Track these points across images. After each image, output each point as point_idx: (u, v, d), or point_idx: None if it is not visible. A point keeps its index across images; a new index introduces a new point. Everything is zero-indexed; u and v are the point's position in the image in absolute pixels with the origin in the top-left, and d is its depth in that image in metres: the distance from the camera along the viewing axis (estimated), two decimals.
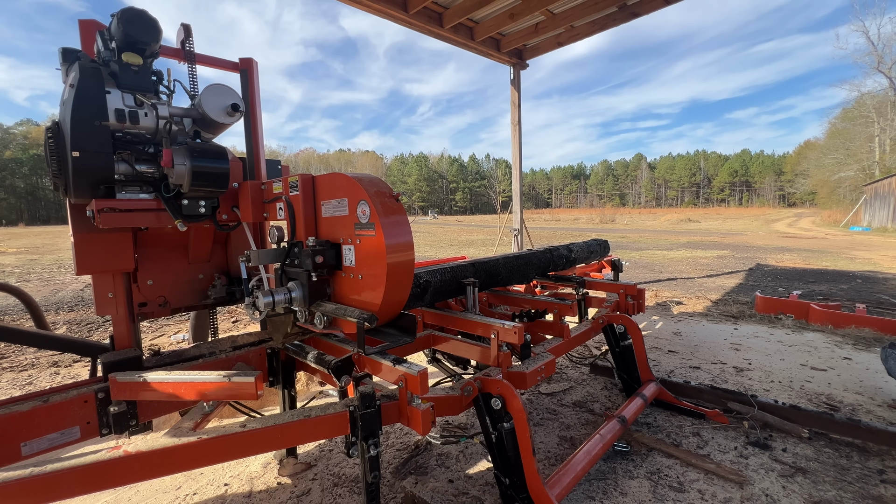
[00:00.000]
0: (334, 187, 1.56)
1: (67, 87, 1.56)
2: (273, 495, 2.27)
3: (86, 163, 1.54)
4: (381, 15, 5.51)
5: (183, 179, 1.66)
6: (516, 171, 8.16)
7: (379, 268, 1.41)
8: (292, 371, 2.29)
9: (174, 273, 2.15)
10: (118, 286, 1.92)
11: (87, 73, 1.54)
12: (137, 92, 1.66)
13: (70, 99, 1.51)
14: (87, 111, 1.53)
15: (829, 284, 8.05)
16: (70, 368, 4.27)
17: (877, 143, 38.25)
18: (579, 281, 3.21)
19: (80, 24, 1.82)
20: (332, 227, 1.58)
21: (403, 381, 1.67)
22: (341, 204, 1.52)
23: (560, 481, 2.03)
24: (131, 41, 1.63)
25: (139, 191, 1.73)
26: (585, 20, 6.30)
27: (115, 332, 1.92)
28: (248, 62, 2.30)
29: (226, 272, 2.33)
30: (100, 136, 1.56)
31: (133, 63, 1.64)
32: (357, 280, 1.49)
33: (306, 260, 1.55)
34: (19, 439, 1.57)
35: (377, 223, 1.40)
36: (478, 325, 2.26)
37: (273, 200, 1.81)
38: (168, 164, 1.61)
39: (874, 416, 2.95)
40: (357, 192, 1.45)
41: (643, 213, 68.57)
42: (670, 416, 2.99)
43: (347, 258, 1.51)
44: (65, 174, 1.58)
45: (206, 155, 1.69)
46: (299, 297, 1.59)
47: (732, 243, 17.65)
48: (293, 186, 1.65)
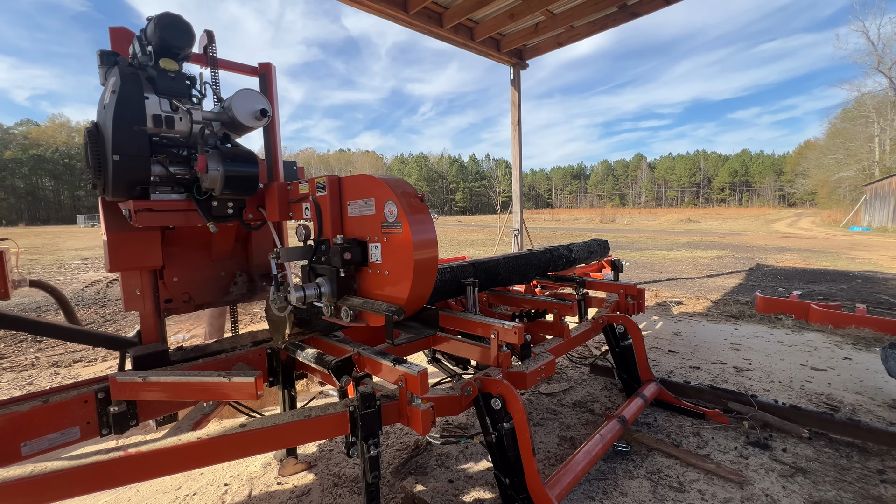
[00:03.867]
0: (361, 188, 1.61)
1: (109, 93, 1.61)
2: (273, 495, 2.27)
3: (125, 166, 1.61)
4: (381, 15, 5.51)
5: (216, 183, 1.72)
6: (516, 171, 8.16)
7: (406, 264, 1.46)
8: (292, 371, 2.29)
9: (198, 270, 2.21)
10: (145, 283, 1.99)
11: (127, 80, 1.60)
12: (173, 97, 1.72)
13: (112, 104, 1.58)
14: (127, 116, 1.60)
15: (829, 284, 8.05)
16: (70, 369, 4.27)
17: (877, 143, 38.24)
18: (579, 281, 3.21)
19: (111, 31, 1.89)
20: (358, 226, 1.64)
21: (403, 382, 1.67)
22: (368, 204, 1.58)
23: (560, 481, 2.03)
24: (167, 46, 1.69)
25: (171, 191, 1.80)
26: (585, 20, 6.30)
27: (143, 327, 1.99)
28: (267, 66, 2.37)
29: (246, 270, 2.40)
30: (139, 140, 1.63)
31: (170, 69, 1.71)
32: (383, 275, 1.55)
33: (335, 257, 1.61)
34: (19, 439, 1.57)
35: (404, 222, 1.45)
36: (478, 325, 2.25)
37: (299, 200, 1.85)
38: (203, 170, 1.68)
39: (874, 416, 2.95)
40: (385, 192, 1.50)
41: (643, 214, 68.56)
42: (670, 416, 2.99)
43: (373, 255, 1.57)
44: (104, 175, 1.64)
45: (238, 160, 1.76)
46: (328, 292, 1.65)
47: (732, 243, 17.65)
48: (320, 187, 1.71)
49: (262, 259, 2.41)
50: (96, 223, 62.29)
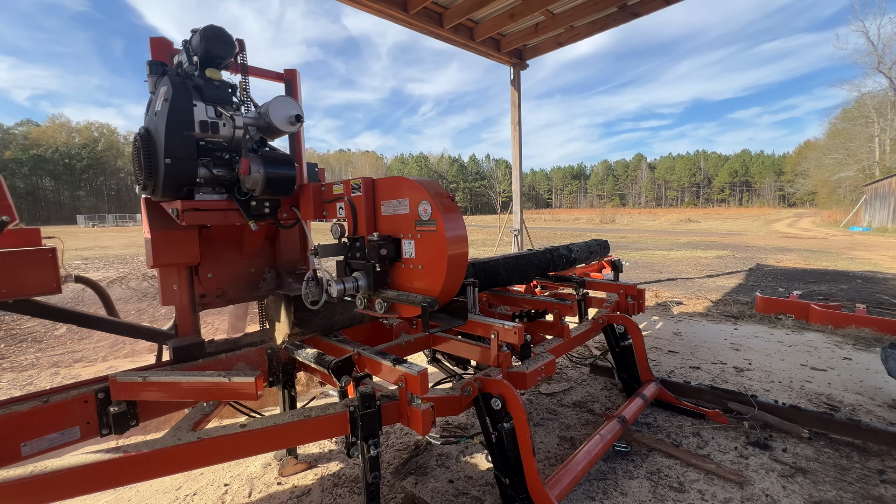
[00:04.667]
0: (395, 189, 1.69)
1: (161, 100, 1.73)
2: (273, 495, 2.27)
3: (175, 168, 1.73)
4: (380, 15, 5.51)
5: (257, 184, 1.83)
6: (516, 172, 8.16)
7: (440, 259, 1.55)
8: (292, 371, 2.29)
9: (230, 267, 2.32)
10: (182, 278, 2.10)
11: (178, 89, 1.73)
12: (218, 104, 1.84)
13: (164, 111, 1.70)
14: (178, 123, 1.72)
15: (829, 284, 8.05)
16: (70, 369, 4.27)
17: (877, 144, 38.22)
18: (579, 281, 3.21)
19: (152, 41, 2.04)
20: (391, 224, 1.72)
21: (403, 382, 1.67)
22: (402, 203, 1.66)
23: (560, 481, 2.03)
24: (211, 56, 1.82)
25: (212, 192, 1.91)
26: (585, 20, 6.30)
27: (179, 321, 2.11)
28: (292, 73, 2.52)
29: (274, 266, 2.49)
30: (188, 144, 1.75)
31: (215, 78, 1.84)
32: (417, 270, 1.64)
33: (371, 253, 1.69)
34: (19, 439, 1.57)
35: (438, 220, 1.53)
36: (478, 325, 2.25)
37: (333, 200, 1.93)
38: (246, 172, 1.79)
39: (874, 416, 2.95)
40: (419, 193, 1.59)
41: (643, 214, 68.55)
42: (670, 416, 2.99)
43: (407, 251, 1.66)
44: (155, 177, 1.75)
45: (278, 162, 1.87)
46: (364, 286, 1.74)
47: (732, 243, 17.65)
48: (355, 188, 1.79)
49: (289, 256, 2.52)
50: (96, 223, 62.31)
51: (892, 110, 37.22)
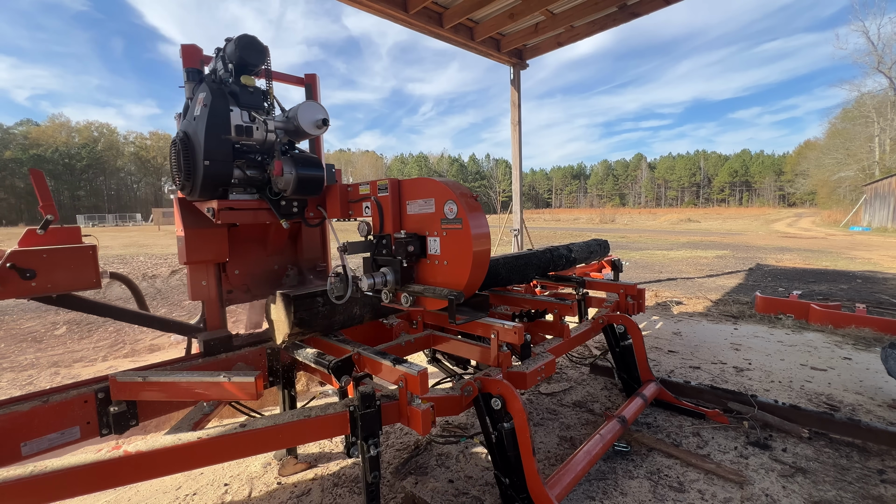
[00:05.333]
0: (421, 189, 1.76)
1: (200, 106, 1.83)
2: (273, 495, 2.27)
3: (214, 169, 1.84)
4: (381, 15, 5.50)
5: (289, 185, 1.92)
6: (516, 172, 8.16)
7: (465, 255, 1.61)
8: (292, 371, 2.29)
9: (255, 264, 2.44)
10: (211, 275, 2.22)
11: (216, 95, 1.83)
12: (251, 109, 1.94)
13: (203, 116, 1.80)
14: (216, 127, 1.82)
15: (829, 284, 8.05)
16: (70, 369, 4.28)
17: (877, 143, 38.21)
18: (579, 281, 3.21)
19: (183, 48, 2.15)
20: (417, 223, 1.79)
21: (403, 381, 1.67)
22: (427, 203, 1.73)
23: (560, 481, 2.03)
24: (245, 64, 1.93)
25: (243, 192, 2.01)
26: (585, 20, 6.30)
27: (208, 315, 2.21)
28: (312, 77, 2.66)
29: (296, 263, 2.61)
30: (225, 147, 1.86)
31: (249, 85, 1.94)
32: (442, 265, 1.71)
33: (399, 249, 1.76)
34: (19, 439, 1.57)
35: (464, 218, 1.60)
36: (478, 325, 2.26)
37: (359, 200, 1.99)
38: (279, 173, 1.89)
39: (874, 416, 2.95)
40: (445, 193, 1.65)
41: (643, 213, 68.55)
42: (670, 416, 2.99)
43: (432, 247, 1.73)
44: (193, 178, 1.86)
45: (308, 164, 1.97)
46: (392, 280, 1.80)
47: (732, 243, 17.66)
48: (382, 189, 1.86)
49: (311, 254, 2.63)
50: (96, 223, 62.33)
51: (892, 110, 37.21)
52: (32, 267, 1.77)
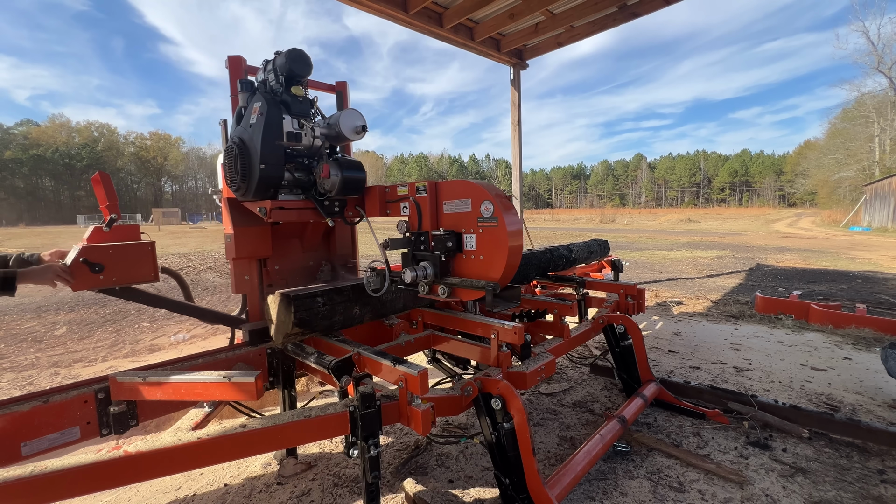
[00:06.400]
0: (458, 191, 1.89)
1: (256, 115, 1.99)
2: (273, 495, 2.27)
3: (268, 172, 1.98)
4: (380, 15, 5.50)
5: (335, 186, 2.07)
6: (516, 172, 8.15)
7: (501, 249, 1.73)
8: (292, 371, 2.29)
9: (293, 260, 2.58)
10: (254, 270, 2.38)
11: (271, 105, 1.98)
12: (300, 117, 2.08)
13: (260, 124, 1.95)
14: (271, 134, 1.96)
15: (829, 284, 8.05)
16: (70, 368, 4.27)
17: (877, 143, 38.18)
18: (579, 281, 3.21)
19: (229, 59, 2.39)
20: (454, 221, 1.92)
21: (403, 382, 1.67)
22: (464, 203, 1.86)
23: (560, 481, 2.03)
24: (294, 75, 2.07)
25: (290, 193, 2.15)
26: (585, 20, 6.29)
27: (250, 308, 2.36)
28: (343, 85, 2.82)
29: (329, 259, 2.77)
30: (278, 152, 2.00)
31: (299, 95, 2.08)
32: (478, 260, 1.83)
33: (438, 245, 1.89)
34: (19, 439, 1.57)
35: (500, 217, 1.72)
36: (478, 325, 2.26)
37: (397, 200, 2.11)
38: (327, 175, 2.05)
39: (874, 416, 2.95)
40: (482, 194, 1.79)
41: (643, 214, 68.53)
42: (670, 416, 2.99)
43: (468, 243, 1.86)
44: (249, 180, 2.00)
45: (352, 167, 2.12)
46: (431, 273, 1.92)
47: (732, 243, 17.66)
48: (421, 190, 1.99)
49: (343, 251, 2.83)
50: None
51: (892, 110, 37.19)
52: (101, 261, 1.93)
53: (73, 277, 1.87)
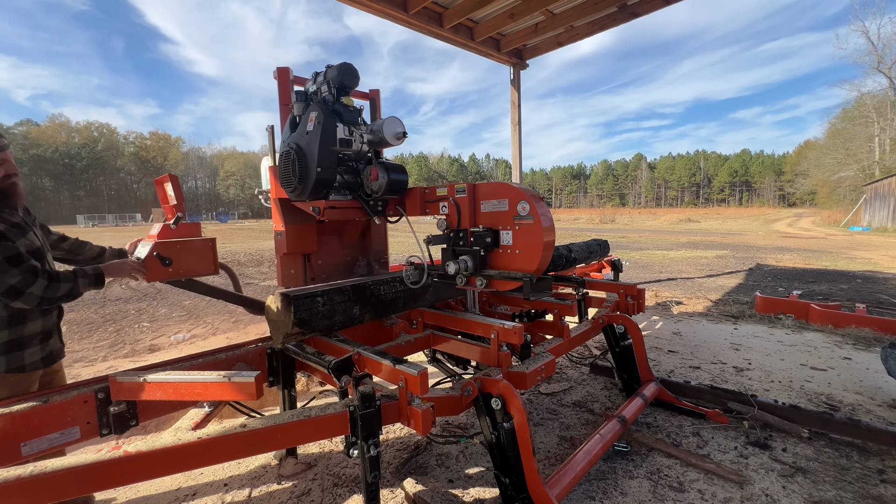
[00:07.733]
0: (496, 192, 2.04)
1: (313, 123, 2.16)
2: (273, 495, 2.27)
3: (324, 175, 2.15)
4: (380, 15, 5.50)
5: (381, 188, 2.23)
6: (516, 172, 8.15)
7: (536, 244, 1.88)
8: (292, 371, 2.29)
9: (333, 255, 2.82)
10: (299, 264, 2.60)
11: (327, 114, 2.17)
12: (351, 125, 2.25)
13: (317, 132, 2.13)
14: (327, 140, 2.14)
15: (829, 284, 8.05)
16: (70, 369, 4.27)
17: (877, 143, 38.16)
18: (579, 281, 3.21)
19: (278, 70, 2.60)
20: (490, 219, 2.07)
21: (403, 381, 1.67)
22: (501, 203, 2.01)
23: (560, 481, 2.03)
24: (344, 86, 2.28)
25: (337, 193, 2.31)
26: (585, 20, 6.29)
27: None
28: (376, 92, 3.00)
29: (365, 255, 3.00)
30: (332, 156, 2.18)
31: (349, 105, 2.29)
32: (514, 254, 1.98)
33: (477, 241, 2.04)
34: (19, 439, 1.57)
35: (536, 215, 1.87)
36: (478, 325, 2.26)
37: (436, 200, 2.26)
38: (375, 178, 2.21)
39: (874, 416, 2.95)
40: (518, 195, 1.94)
41: (643, 213, 68.52)
42: (670, 416, 2.99)
43: (504, 239, 2.00)
44: (305, 182, 2.17)
45: (397, 170, 2.29)
46: (471, 266, 2.06)
47: (732, 243, 17.65)
48: (460, 191, 2.14)
49: (378, 247, 3.05)
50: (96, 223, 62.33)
51: (891, 110, 37.17)
52: (170, 255, 2.10)
53: (147, 270, 2.04)
